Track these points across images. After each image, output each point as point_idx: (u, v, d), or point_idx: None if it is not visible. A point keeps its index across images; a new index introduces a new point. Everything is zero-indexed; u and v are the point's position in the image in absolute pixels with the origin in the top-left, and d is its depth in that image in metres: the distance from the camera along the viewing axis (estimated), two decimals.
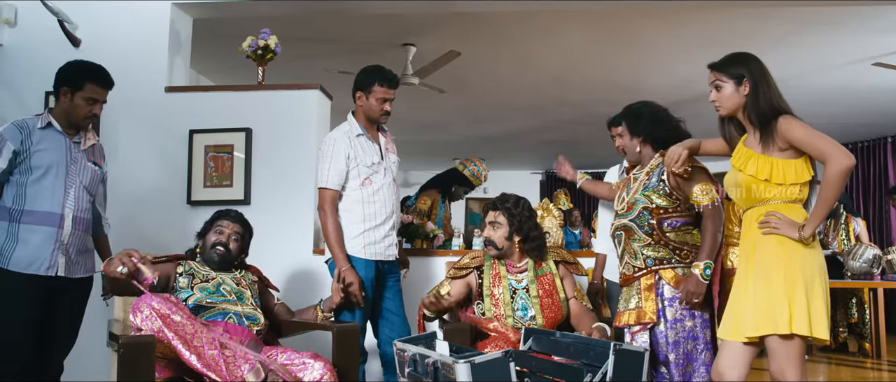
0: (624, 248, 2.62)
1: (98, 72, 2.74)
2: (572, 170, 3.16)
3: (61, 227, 2.66)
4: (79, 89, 2.68)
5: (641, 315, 2.52)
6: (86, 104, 2.70)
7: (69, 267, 2.70)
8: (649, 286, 2.54)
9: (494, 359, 1.94)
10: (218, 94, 3.93)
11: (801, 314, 2.10)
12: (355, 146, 2.98)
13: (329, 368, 2.34)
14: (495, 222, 2.86)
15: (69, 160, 2.71)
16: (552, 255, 2.96)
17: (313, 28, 5.30)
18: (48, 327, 2.66)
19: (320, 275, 3.31)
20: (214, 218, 2.77)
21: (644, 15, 5.02)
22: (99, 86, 2.73)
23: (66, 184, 2.69)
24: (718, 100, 2.33)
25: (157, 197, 3.69)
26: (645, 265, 2.55)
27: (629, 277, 2.60)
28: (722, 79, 2.31)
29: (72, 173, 2.71)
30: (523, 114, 8.04)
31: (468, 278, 2.89)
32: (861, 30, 5.28)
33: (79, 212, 2.73)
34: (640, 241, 2.56)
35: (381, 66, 3.05)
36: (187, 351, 2.14)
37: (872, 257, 5.69)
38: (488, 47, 5.81)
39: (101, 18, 3.84)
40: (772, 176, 2.20)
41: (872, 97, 7.09)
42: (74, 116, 2.71)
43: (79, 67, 2.74)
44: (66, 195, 2.68)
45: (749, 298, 2.20)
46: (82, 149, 2.78)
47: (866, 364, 5.65)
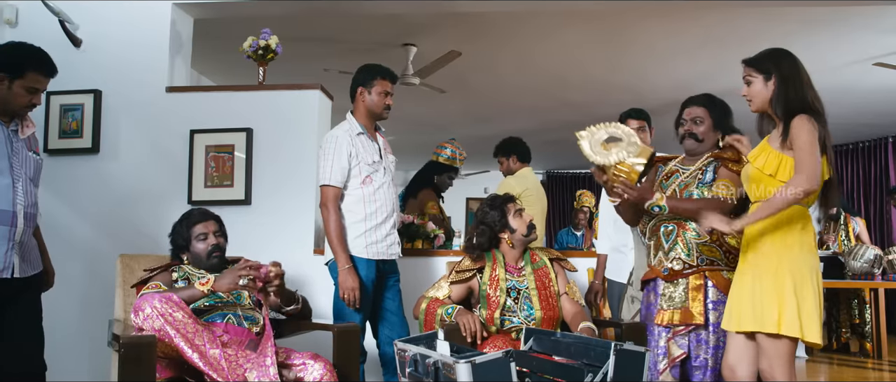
0: (674, 241, 2.54)
1: (42, 59, 2.46)
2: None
3: (14, 226, 2.42)
4: (18, 76, 2.40)
5: (688, 315, 2.48)
6: (25, 93, 2.43)
7: (23, 266, 2.48)
8: (697, 286, 2.50)
9: (495, 359, 1.94)
10: (219, 94, 3.93)
11: (790, 315, 2.10)
12: (356, 144, 2.98)
13: (329, 368, 2.34)
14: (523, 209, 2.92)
15: (10, 152, 2.45)
16: (545, 253, 2.95)
17: (314, 28, 5.31)
18: (8, 331, 2.46)
19: (321, 276, 3.31)
20: (186, 226, 2.63)
21: (645, 15, 5.02)
22: (42, 74, 2.46)
23: (13, 178, 2.43)
24: (749, 95, 2.33)
25: (157, 196, 3.69)
26: (697, 263, 2.51)
27: (677, 273, 2.53)
28: (752, 74, 2.30)
29: (15, 166, 2.45)
30: (524, 114, 8.04)
31: (470, 281, 2.87)
32: (862, 30, 5.28)
33: (28, 208, 2.48)
34: (698, 237, 2.50)
35: (379, 63, 3.07)
36: (190, 350, 2.14)
37: (873, 257, 5.69)
38: (489, 47, 5.81)
39: (102, 18, 3.84)
40: (778, 172, 2.19)
41: (873, 97, 7.09)
42: (11, 105, 2.43)
43: (21, 52, 2.45)
44: (14, 191, 2.43)
45: (746, 292, 2.22)
46: (21, 139, 2.52)
47: (867, 365, 5.65)
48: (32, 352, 2.56)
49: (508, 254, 2.88)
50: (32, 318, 2.58)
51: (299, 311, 2.70)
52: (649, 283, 2.68)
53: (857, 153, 9.36)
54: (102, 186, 3.71)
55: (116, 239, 3.57)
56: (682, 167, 2.67)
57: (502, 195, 2.95)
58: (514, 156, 4.40)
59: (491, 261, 2.86)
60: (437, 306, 2.79)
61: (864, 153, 9.27)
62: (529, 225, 2.85)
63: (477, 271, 2.86)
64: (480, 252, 2.88)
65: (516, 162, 4.40)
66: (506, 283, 2.80)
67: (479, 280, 2.84)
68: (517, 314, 2.76)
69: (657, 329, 2.57)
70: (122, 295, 2.76)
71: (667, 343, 2.53)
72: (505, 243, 2.88)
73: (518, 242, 2.86)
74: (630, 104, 3.56)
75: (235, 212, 3.47)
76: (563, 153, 10.39)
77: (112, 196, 3.70)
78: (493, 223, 2.86)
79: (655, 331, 2.58)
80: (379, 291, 3.04)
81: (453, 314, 2.71)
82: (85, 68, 3.77)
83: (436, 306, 2.79)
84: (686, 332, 2.51)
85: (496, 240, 2.89)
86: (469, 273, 2.85)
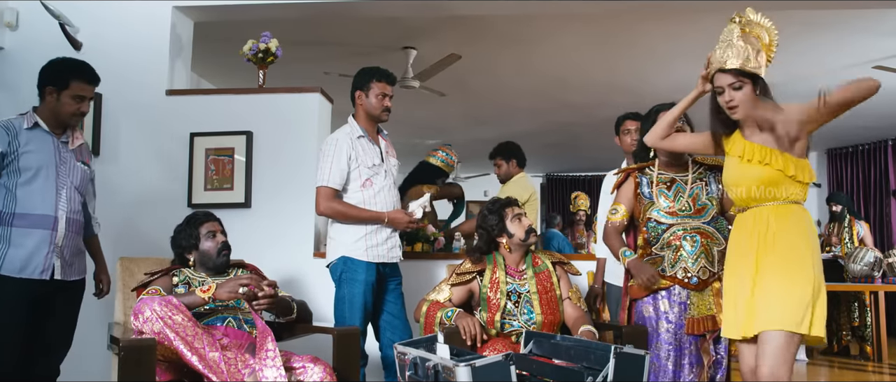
0: (700, 251, 2.58)
1: (83, 69, 2.66)
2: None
3: (55, 230, 2.61)
4: (64, 88, 2.61)
5: (719, 322, 2.52)
6: (73, 102, 2.62)
7: (64, 269, 2.65)
8: (717, 291, 2.56)
9: (495, 363, 1.93)
10: (219, 97, 3.93)
11: (820, 316, 2.12)
12: (357, 147, 2.99)
13: (329, 371, 2.33)
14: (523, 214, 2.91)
15: (58, 161, 2.65)
16: (548, 256, 2.95)
17: (314, 31, 5.31)
18: (40, 331, 2.61)
19: (321, 279, 3.31)
20: (193, 226, 2.68)
21: (644, 17, 5.03)
22: (85, 82, 2.65)
23: (57, 185, 2.63)
24: (736, 101, 2.25)
25: (157, 199, 3.69)
26: (718, 270, 2.56)
27: (704, 282, 2.58)
28: (743, 80, 2.24)
29: (62, 174, 2.66)
30: (524, 116, 8.04)
31: (471, 284, 2.86)
32: (862, 33, 5.29)
33: (71, 214, 2.68)
34: (719, 246, 2.58)
35: (377, 66, 3.08)
36: (189, 353, 2.14)
37: (873, 260, 5.69)
38: (489, 50, 5.81)
39: (103, 21, 3.85)
40: (796, 172, 2.21)
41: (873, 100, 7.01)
42: (62, 115, 2.64)
43: (63, 65, 2.65)
44: (58, 197, 2.63)
45: (762, 293, 2.17)
46: (70, 149, 2.72)
47: (867, 368, 5.64)
48: (58, 355, 2.72)
49: (509, 257, 2.87)
50: (66, 322, 2.74)
51: (296, 317, 2.71)
52: (660, 291, 2.65)
53: (857, 156, 9.36)
54: (102, 189, 3.68)
55: (116, 242, 3.56)
56: (675, 175, 2.70)
57: (503, 199, 2.95)
58: (514, 160, 4.41)
59: (491, 264, 2.86)
60: (437, 309, 2.78)
61: (864, 156, 9.28)
62: (528, 230, 2.85)
63: (477, 273, 2.85)
64: (480, 255, 2.88)
65: (516, 166, 4.40)
66: (506, 286, 2.79)
67: (479, 282, 2.83)
68: (517, 317, 2.76)
69: (686, 338, 2.59)
70: (121, 298, 2.77)
71: (700, 351, 2.56)
72: (503, 247, 2.88)
73: (516, 246, 2.86)
74: (630, 106, 3.56)
75: (235, 215, 3.47)
76: (562, 156, 10.40)
77: (112, 199, 3.69)
78: (491, 227, 2.87)
79: (685, 340, 2.59)
80: (380, 294, 3.04)
81: (453, 317, 2.71)
82: None
83: (436, 309, 2.79)
84: (715, 337, 2.58)
85: (495, 244, 2.89)
86: (469, 275, 2.85)
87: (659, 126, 2.56)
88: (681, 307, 2.61)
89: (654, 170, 2.74)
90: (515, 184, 4.30)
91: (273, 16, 4.17)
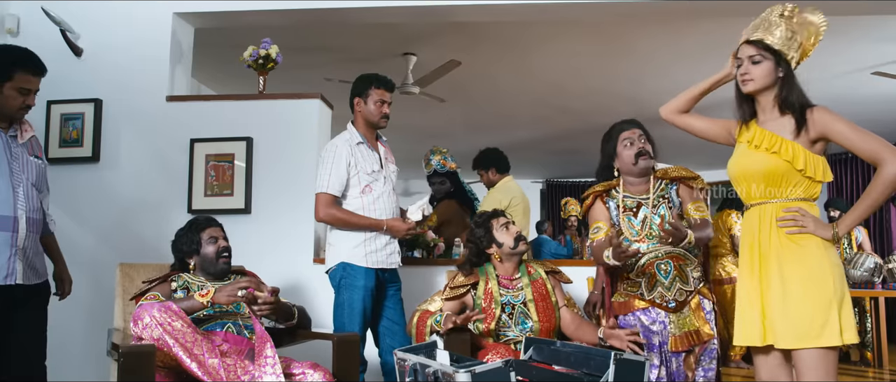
0: (674, 275, 2.53)
1: (28, 59, 2.46)
2: None
3: (16, 231, 2.42)
4: (7, 79, 2.41)
5: (704, 335, 2.52)
6: (17, 95, 2.43)
7: (26, 273, 2.46)
8: (697, 305, 2.55)
9: (495, 369, 1.93)
10: (219, 104, 3.94)
11: (848, 324, 2.03)
12: (356, 154, 2.99)
13: (328, 378, 2.33)
14: (510, 222, 2.92)
15: (10, 157, 2.46)
16: (540, 266, 2.95)
17: (314, 38, 5.32)
18: (4, 339, 2.43)
19: (320, 285, 3.31)
20: (195, 231, 2.65)
21: (644, 24, 5.04)
22: (30, 73, 2.45)
23: (12, 183, 2.44)
24: (751, 75, 2.16)
25: (157, 205, 3.69)
26: (693, 287, 2.55)
27: (682, 303, 2.54)
28: (764, 55, 2.15)
29: (16, 171, 2.46)
30: (524, 123, 8.05)
31: (464, 297, 2.86)
32: (861, 39, 5.30)
33: (31, 213, 2.48)
34: (691, 265, 2.56)
35: (375, 72, 3.09)
36: (188, 359, 2.13)
37: (873, 266, 5.68)
38: (488, 56, 5.82)
39: (103, 27, 3.86)
40: (806, 167, 2.09)
41: (872, 106, 7.10)
42: (6, 109, 2.45)
43: (5, 54, 2.45)
44: (15, 195, 2.43)
45: (779, 303, 2.07)
46: (21, 143, 2.53)
47: (868, 374, 5.63)
48: (35, 360, 2.56)
49: (501, 269, 2.87)
50: (37, 326, 2.57)
51: (297, 323, 2.71)
52: (639, 311, 2.60)
53: (856, 162, 9.36)
54: (103, 195, 3.72)
55: (116, 247, 3.57)
56: (640, 198, 2.63)
57: (488, 211, 2.96)
58: (492, 168, 4.42)
59: (484, 276, 2.85)
60: (427, 317, 2.79)
61: (863, 162, 9.20)
62: (516, 238, 2.85)
63: (471, 286, 2.85)
64: (472, 267, 2.89)
65: (495, 173, 4.41)
66: (501, 298, 2.79)
67: (473, 295, 2.84)
68: (512, 328, 2.75)
69: (670, 355, 2.56)
70: (121, 304, 2.76)
71: (685, 367, 2.56)
72: (494, 258, 2.88)
73: (507, 256, 2.86)
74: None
75: (235, 221, 3.47)
76: (562, 161, 10.39)
77: (112, 205, 3.70)
78: (479, 240, 2.88)
79: (669, 357, 2.57)
80: (380, 300, 3.04)
81: (442, 320, 2.72)
82: (86, 77, 3.79)
83: (426, 317, 2.79)
84: (701, 351, 2.55)
85: (485, 256, 2.90)
86: (463, 289, 2.84)
87: (680, 98, 2.43)
88: (661, 325, 2.57)
89: (619, 193, 2.66)
90: (496, 190, 4.33)
91: (273, 22, 4.18)
